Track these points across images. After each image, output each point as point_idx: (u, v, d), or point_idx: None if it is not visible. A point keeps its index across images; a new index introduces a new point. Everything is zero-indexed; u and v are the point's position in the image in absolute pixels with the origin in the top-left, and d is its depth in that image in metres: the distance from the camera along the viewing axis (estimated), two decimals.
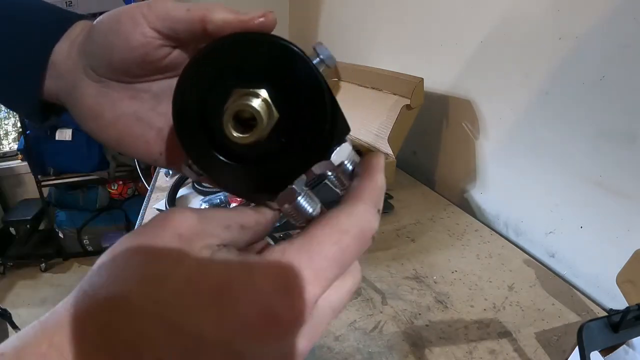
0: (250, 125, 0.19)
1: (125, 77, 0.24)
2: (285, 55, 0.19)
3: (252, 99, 0.19)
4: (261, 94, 0.19)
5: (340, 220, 0.18)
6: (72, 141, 2.09)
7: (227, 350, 0.14)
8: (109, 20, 0.23)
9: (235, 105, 0.19)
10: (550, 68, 0.63)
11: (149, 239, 0.16)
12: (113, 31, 0.22)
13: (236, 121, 0.19)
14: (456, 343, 0.47)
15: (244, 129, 0.19)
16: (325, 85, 0.19)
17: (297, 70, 0.19)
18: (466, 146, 0.84)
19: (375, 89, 0.93)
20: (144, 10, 0.22)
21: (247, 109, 0.19)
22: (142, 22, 0.22)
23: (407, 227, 0.72)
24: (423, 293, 0.55)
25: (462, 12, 0.82)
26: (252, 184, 0.21)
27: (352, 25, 1.35)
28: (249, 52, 0.19)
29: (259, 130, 0.19)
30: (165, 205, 0.74)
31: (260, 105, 0.19)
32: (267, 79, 0.19)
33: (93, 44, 0.24)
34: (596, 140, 0.57)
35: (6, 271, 2.29)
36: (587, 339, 0.32)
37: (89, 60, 0.24)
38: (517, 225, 0.73)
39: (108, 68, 0.24)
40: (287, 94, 0.19)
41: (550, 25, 0.62)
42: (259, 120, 0.19)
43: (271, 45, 0.19)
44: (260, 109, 0.19)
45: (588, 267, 0.60)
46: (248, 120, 0.19)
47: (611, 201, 0.56)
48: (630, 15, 0.50)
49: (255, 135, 0.19)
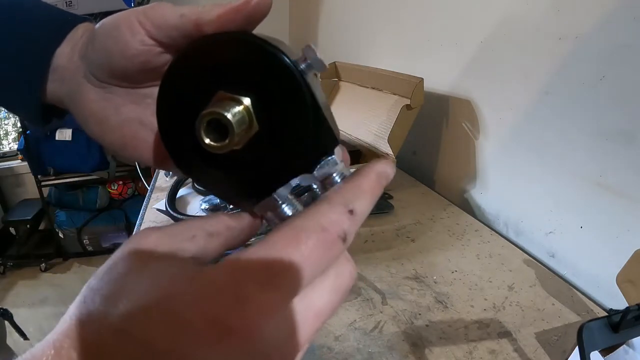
0: (225, 133, 0.18)
1: (127, 83, 0.24)
2: (268, 61, 0.18)
3: (232, 106, 0.17)
4: (244, 102, 0.18)
5: (296, 221, 0.16)
6: (72, 141, 2.09)
7: None
8: (108, 27, 0.22)
9: (208, 112, 0.17)
10: (550, 68, 0.63)
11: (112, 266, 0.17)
12: (112, 38, 0.22)
13: (212, 127, 0.18)
14: (456, 343, 0.47)
15: (219, 137, 0.18)
16: (308, 97, 0.18)
17: (280, 79, 0.18)
18: (466, 146, 0.84)
19: (375, 89, 0.93)
20: (140, 17, 0.21)
21: (220, 118, 0.17)
22: (139, 31, 0.21)
23: (407, 227, 0.72)
24: (423, 293, 0.55)
25: (462, 12, 0.82)
26: (233, 190, 0.21)
27: (352, 25, 1.35)
28: (232, 54, 0.18)
29: (231, 140, 0.18)
30: (165, 206, 0.74)
31: (236, 115, 0.17)
32: (250, 85, 0.18)
33: (93, 50, 0.23)
34: (596, 140, 0.57)
35: (6, 271, 2.29)
36: (587, 339, 0.32)
37: (90, 65, 0.24)
38: (517, 225, 0.73)
39: (109, 74, 0.23)
40: (269, 103, 0.18)
41: (550, 25, 0.62)
42: (230, 131, 0.17)
43: (254, 49, 0.18)
44: (233, 119, 0.17)
45: (588, 267, 0.60)
46: (224, 128, 0.18)
47: (611, 201, 0.56)
48: (630, 15, 0.50)
49: (228, 145, 0.18)
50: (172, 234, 0.18)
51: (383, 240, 0.68)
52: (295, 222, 0.16)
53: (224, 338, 0.14)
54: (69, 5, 1.80)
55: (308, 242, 0.16)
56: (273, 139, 0.19)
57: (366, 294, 0.54)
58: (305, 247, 0.16)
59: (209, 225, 0.19)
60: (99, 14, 1.77)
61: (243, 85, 0.18)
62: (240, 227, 0.21)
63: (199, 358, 0.14)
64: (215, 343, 0.14)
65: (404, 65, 1.01)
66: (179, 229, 0.19)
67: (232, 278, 0.15)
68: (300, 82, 0.18)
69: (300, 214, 0.17)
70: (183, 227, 0.19)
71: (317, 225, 0.16)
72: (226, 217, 0.20)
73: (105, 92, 0.24)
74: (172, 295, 0.15)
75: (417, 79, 0.78)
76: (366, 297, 0.54)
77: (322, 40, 1.61)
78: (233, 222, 0.20)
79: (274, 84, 0.18)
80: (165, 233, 0.18)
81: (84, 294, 0.16)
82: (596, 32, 0.55)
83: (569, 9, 0.59)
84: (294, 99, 0.18)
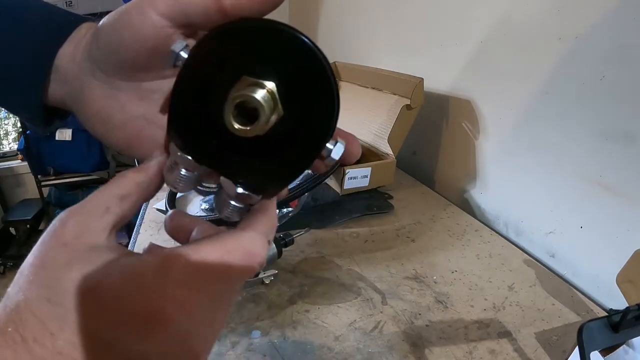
0: (251, 117, 0.18)
1: (136, 73, 0.23)
2: (298, 47, 0.18)
3: (258, 90, 0.18)
4: (269, 86, 0.18)
5: (227, 241, 0.19)
6: (71, 141, 2.08)
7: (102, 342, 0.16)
8: (117, 14, 0.22)
9: (239, 95, 0.18)
10: (550, 68, 0.63)
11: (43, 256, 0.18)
12: (121, 24, 0.21)
13: (238, 111, 0.18)
14: (456, 343, 0.47)
15: (244, 121, 0.18)
16: (334, 83, 0.18)
17: (309, 65, 0.18)
18: (466, 146, 0.84)
19: (375, 89, 0.93)
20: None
21: (252, 100, 0.18)
22: (150, 11, 0.21)
23: (407, 227, 0.72)
24: (423, 293, 0.55)
25: (462, 12, 0.82)
26: (249, 175, 0.21)
27: (352, 25, 1.35)
28: (264, 41, 0.18)
29: (261, 124, 0.18)
30: (165, 206, 0.74)
31: (264, 99, 0.18)
32: (277, 71, 0.18)
33: (101, 41, 0.23)
34: (596, 140, 0.57)
35: (6, 271, 2.29)
36: (587, 339, 0.32)
37: (97, 60, 0.23)
38: (517, 225, 0.73)
39: (117, 65, 0.23)
40: (295, 88, 0.18)
41: (550, 25, 0.62)
42: (261, 115, 0.18)
43: (285, 35, 0.18)
44: (264, 103, 0.18)
45: (588, 267, 0.60)
46: (250, 112, 0.18)
47: (611, 201, 0.56)
48: (630, 15, 0.50)
49: (256, 129, 0.18)
50: (86, 212, 0.19)
51: (383, 240, 0.68)
52: (222, 240, 0.19)
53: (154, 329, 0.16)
54: (69, 5, 1.81)
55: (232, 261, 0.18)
56: (297, 123, 0.19)
57: (366, 294, 0.54)
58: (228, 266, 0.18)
59: (118, 189, 0.21)
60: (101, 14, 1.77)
61: (268, 70, 0.18)
62: (149, 178, 0.22)
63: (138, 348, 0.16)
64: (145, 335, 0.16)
65: (404, 65, 1.01)
66: (92, 204, 0.20)
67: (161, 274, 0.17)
68: (328, 69, 0.18)
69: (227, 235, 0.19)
70: (95, 200, 0.20)
71: (243, 248, 0.19)
72: (133, 173, 0.21)
73: (110, 88, 0.24)
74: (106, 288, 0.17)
75: (417, 79, 0.78)
76: (366, 297, 0.54)
77: (322, 40, 1.61)
78: (141, 175, 0.22)
79: (303, 70, 0.18)
80: (79, 214, 0.19)
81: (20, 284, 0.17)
82: (596, 32, 0.55)
83: (569, 9, 0.59)
84: (322, 85, 0.18)
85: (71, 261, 0.17)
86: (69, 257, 0.18)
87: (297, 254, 0.62)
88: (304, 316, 0.50)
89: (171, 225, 0.23)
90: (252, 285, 0.55)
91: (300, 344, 0.46)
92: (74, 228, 0.19)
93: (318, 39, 1.67)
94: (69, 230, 0.19)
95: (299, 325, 0.49)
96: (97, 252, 0.18)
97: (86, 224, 0.19)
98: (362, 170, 0.77)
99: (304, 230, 0.61)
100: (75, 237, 0.18)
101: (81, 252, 0.18)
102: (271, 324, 0.49)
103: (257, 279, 0.55)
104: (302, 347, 0.45)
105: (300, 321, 0.49)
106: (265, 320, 0.49)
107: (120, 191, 0.21)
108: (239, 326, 0.48)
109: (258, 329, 0.48)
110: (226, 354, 0.44)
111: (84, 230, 0.19)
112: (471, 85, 0.81)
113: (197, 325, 0.18)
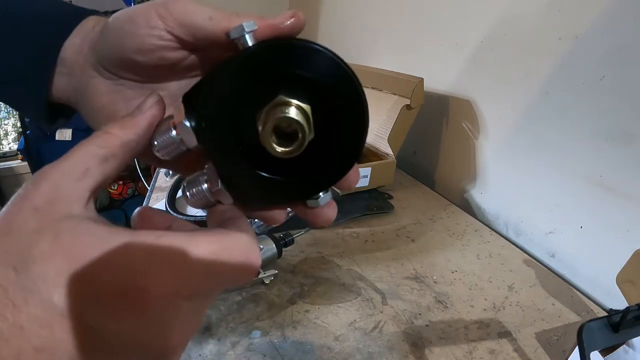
0: (288, 138, 0.18)
1: (139, 77, 0.23)
2: (336, 72, 0.18)
3: (292, 110, 0.18)
4: (303, 107, 0.18)
5: (225, 237, 0.18)
6: (72, 141, 2.09)
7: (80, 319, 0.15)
8: (123, 20, 0.21)
9: (278, 118, 0.18)
10: (550, 68, 0.63)
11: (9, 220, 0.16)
12: (127, 32, 0.21)
13: (275, 133, 0.18)
14: (456, 343, 0.47)
15: (283, 142, 0.18)
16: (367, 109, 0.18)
17: (346, 90, 0.18)
18: (466, 146, 0.84)
19: (375, 89, 0.93)
20: (160, 11, 0.20)
21: (292, 122, 0.17)
22: (158, 25, 0.20)
23: (407, 227, 0.72)
24: (423, 293, 0.55)
25: (462, 12, 0.82)
26: (273, 193, 0.21)
27: (352, 25, 1.35)
28: (298, 61, 0.18)
29: (298, 145, 0.18)
30: (165, 206, 0.74)
31: (302, 119, 0.18)
32: (312, 92, 0.18)
33: (106, 42, 0.22)
34: (596, 140, 0.57)
35: None
36: (587, 339, 0.32)
37: (100, 58, 0.23)
38: (517, 225, 0.73)
39: (120, 68, 0.23)
40: (330, 111, 0.18)
41: (550, 25, 0.62)
42: (301, 136, 0.18)
43: (324, 58, 0.18)
44: (305, 125, 0.18)
45: (588, 267, 0.60)
46: (286, 134, 0.18)
47: (611, 201, 0.56)
48: (630, 15, 0.50)
49: (294, 151, 0.18)
50: (62, 173, 0.17)
51: (383, 240, 0.67)
52: (224, 237, 0.18)
53: (132, 309, 0.15)
54: None
55: (233, 262, 0.17)
56: (328, 146, 0.19)
57: (366, 294, 0.54)
58: (229, 267, 0.17)
59: (100, 149, 0.18)
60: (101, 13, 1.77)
61: (304, 91, 0.18)
62: (138, 137, 0.20)
63: (110, 328, 0.15)
64: (120, 314, 0.15)
65: (404, 65, 1.01)
66: (69, 163, 0.18)
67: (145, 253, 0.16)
68: (362, 94, 0.18)
69: (227, 231, 0.18)
70: (73, 159, 0.18)
71: (243, 250, 0.18)
72: (119, 130, 0.19)
73: (116, 84, 0.24)
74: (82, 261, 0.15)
75: (417, 79, 0.78)
76: (366, 297, 0.54)
77: (322, 40, 1.61)
78: (128, 133, 0.19)
79: (340, 95, 0.18)
80: (55, 175, 0.17)
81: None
82: (596, 32, 0.55)
83: (569, 9, 0.59)
84: (357, 109, 0.19)
85: (42, 229, 0.16)
86: (40, 223, 0.16)
87: (297, 254, 0.62)
88: (304, 316, 0.50)
89: (140, 222, 0.21)
90: (252, 285, 0.55)
91: (300, 344, 0.46)
92: (47, 191, 0.17)
93: (318, 39, 1.67)
94: (42, 193, 0.17)
95: (299, 325, 0.49)
96: (72, 221, 0.16)
97: (61, 188, 0.17)
98: (362, 170, 0.77)
99: (304, 230, 0.61)
100: (48, 202, 0.16)
101: (54, 220, 0.16)
102: (271, 324, 0.49)
103: (257, 279, 0.55)
104: (302, 347, 0.45)
105: (300, 321, 0.49)
106: (265, 320, 0.49)
107: (103, 151, 0.18)
108: (239, 326, 0.48)
109: (258, 329, 0.48)
110: (226, 354, 0.44)
111: (58, 195, 0.17)
112: (471, 85, 0.81)
113: (179, 317, 0.16)
